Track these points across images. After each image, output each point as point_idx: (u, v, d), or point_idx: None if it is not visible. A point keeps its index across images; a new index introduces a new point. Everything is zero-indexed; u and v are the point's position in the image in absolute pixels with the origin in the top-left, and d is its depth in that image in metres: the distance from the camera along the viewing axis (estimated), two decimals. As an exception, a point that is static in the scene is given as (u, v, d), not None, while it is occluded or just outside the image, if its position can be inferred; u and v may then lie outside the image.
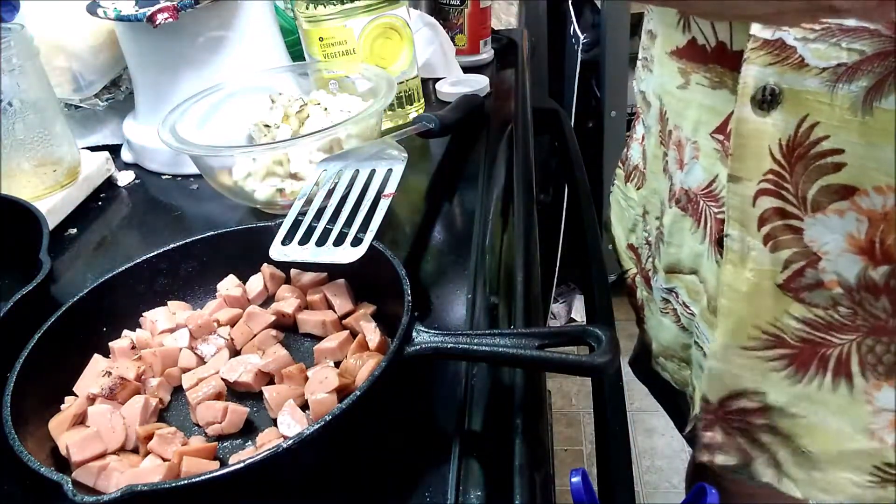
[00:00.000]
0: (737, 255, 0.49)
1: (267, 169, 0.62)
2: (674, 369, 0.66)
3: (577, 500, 0.47)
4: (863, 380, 0.48)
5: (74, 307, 0.47)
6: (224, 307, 0.51)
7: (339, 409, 0.36)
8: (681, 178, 0.55)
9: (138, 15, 0.67)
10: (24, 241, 0.55)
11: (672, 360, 0.66)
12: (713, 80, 0.49)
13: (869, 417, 0.49)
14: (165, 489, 0.33)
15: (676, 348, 0.64)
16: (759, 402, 0.53)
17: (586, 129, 1.71)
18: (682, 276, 0.59)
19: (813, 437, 0.52)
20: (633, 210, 0.70)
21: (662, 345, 0.66)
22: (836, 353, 0.48)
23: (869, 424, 0.49)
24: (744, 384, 0.53)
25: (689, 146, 0.53)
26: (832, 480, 0.52)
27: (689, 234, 0.56)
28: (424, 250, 0.60)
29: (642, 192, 0.67)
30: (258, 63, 0.76)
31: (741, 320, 0.50)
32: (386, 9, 0.77)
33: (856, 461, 0.51)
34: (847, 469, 0.51)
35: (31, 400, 0.41)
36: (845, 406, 0.49)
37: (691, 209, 0.55)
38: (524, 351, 0.38)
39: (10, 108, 0.65)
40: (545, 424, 0.44)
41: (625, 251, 0.74)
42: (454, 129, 0.74)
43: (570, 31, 1.57)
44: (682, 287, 0.59)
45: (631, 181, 0.70)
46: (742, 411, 0.54)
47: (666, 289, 0.62)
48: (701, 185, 0.52)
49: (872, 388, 0.48)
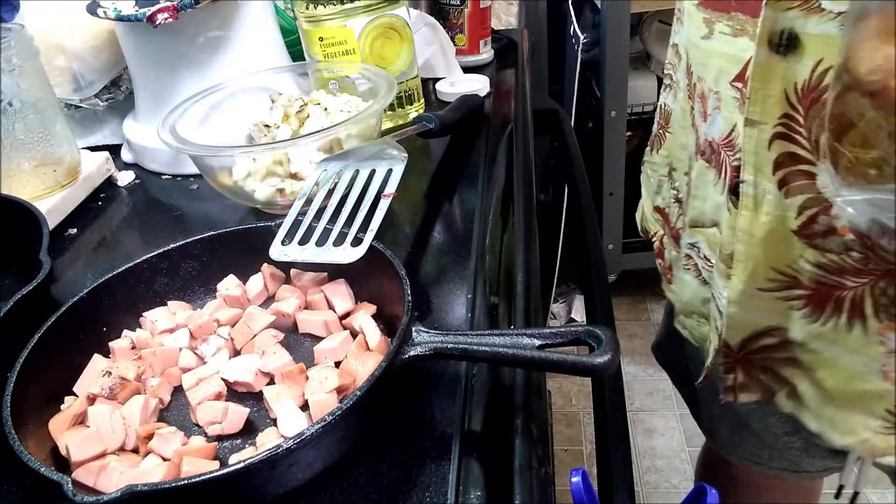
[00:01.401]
0: (751, 200, 0.49)
1: (267, 169, 0.62)
2: (693, 326, 0.67)
3: (577, 500, 0.47)
4: (876, 321, 0.49)
5: (74, 307, 0.47)
6: (224, 307, 0.51)
7: (339, 409, 0.36)
8: (705, 129, 0.56)
9: (138, 15, 0.67)
10: (24, 241, 0.55)
11: (692, 317, 0.67)
12: (735, 28, 0.50)
13: (882, 358, 0.50)
14: (165, 489, 0.33)
15: (697, 303, 0.65)
16: (780, 337, 0.54)
17: (586, 129, 1.71)
18: (704, 230, 0.60)
19: (830, 371, 0.53)
20: (657, 173, 0.72)
21: (683, 302, 0.67)
22: (851, 295, 0.49)
23: (882, 366, 0.50)
24: (765, 322, 0.54)
25: (711, 97, 0.54)
26: (846, 420, 0.54)
27: (713, 186, 0.57)
28: (424, 250, 0.60)
29: (663, 152, 0.69)
30: (258, 63, 0.76)
31: (758, 264, 0.51)
32: (386, 9, 0.77)
33: (869, 403, 0.52)
34: (860, 411, 0.53)
35: (31, 400, 0.41)
36: (860, 346, 0.50)
37: (714, 160, 0.56)
38: (524, 351, 0.38)
39: (10, 108, 0.65)
40: (545, 424, 0.44)
41: (651, 214, 0.75)
42: (454, 129, 0.74)
43: (570, 31, 1.57)
44: (703, 241, 0.60)
45: (654, 150, 0.72)
46: (764, 348, 0.56)
47: (689, 244, 0.63)
48: (722, 135, 0.53)
49: (886, 329, 0.49)
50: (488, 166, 0.72)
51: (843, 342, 0.51)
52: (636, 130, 1.75)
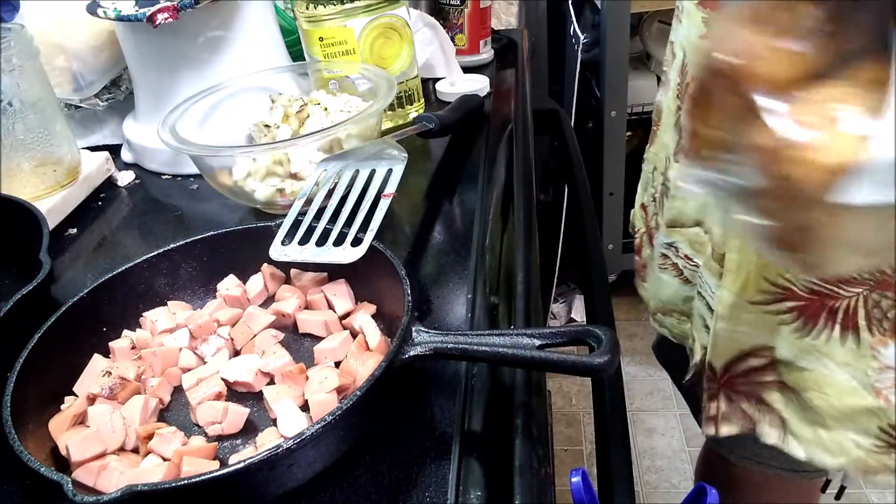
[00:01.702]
0: None
1: (267, 169, 0.62)
2: (672, 324, 0.68)
3: (577, 500, 0.47)
4: (869, 334, 0.49)
5: (74, 307, 0.47)
6: (224, 307, 0.51)
7: (339, 409, 0.36)
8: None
9: (138, 15, 0.67)
10: (24, 241, 0.55)
11: (671, 315, 0.67)
12: None
13: (875, 374, 0.50)
14: (165, 489, 0.33)
15: (677, 302, 0.65)
16: (767, 357, 0.54)
17: (586, 129, 1.71)
18: (683, 230, 0.60)
19: (820, 390, 0.52)
20: (647, 169, 0.72)
21: (662, 301, 0.67)
22: (844, 305, 0.49)
23: (875, 382, 0.50)
24: (752, 341, 0.54)
25: None
26: (837, 440, 0.53)
27: None
28: (424, 250, 0.60)
29: (653, 148, 0.70)
30: (258, 63, 0.76)
31: (750, 275, 0.51)
32: (386, 9, 0.77)
33: (861, 421, 0.52)
34: (852, 429, 0.52)
35: (31, 400, 0.41)
36: (852, 359, 0.50)
37: None
38: (524, 351, 0.38)
39: (10, 108, 0.65)
40: (545, 424, 0.44)
41: (637, 211, 0.76)
42: (454, 129, 0.74)
43: (570, 31, 1.57)
44: (682, 241, 0.60)
45: (650, 146, 0.72)
46: (748, 371, 0.55)
47: (665, 244, 0.63)
48: None
49: (878, 343, 0.49)
50: (488, 166, 0.72)
51: (835, 355, 0.51)
52: (636, 130, 1.75)
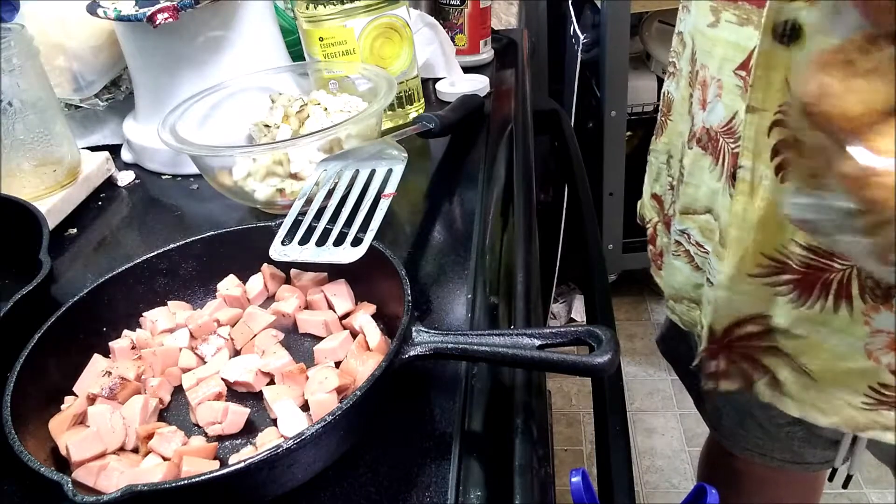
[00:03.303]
0: (747, 185, 0.50)
1: (267, 169, 0.62)
2: (682, 311, 0.69)
3: (577, 500, 0.47)
4: (862, 302, 0.51)
5: (74, 307, 0.47)
6: (224, 307, 0.51)
7: (339, 409, 0.36)
8: (703, 117, 0.58)
9: (138, 15, 0.67)
10: (24, 241, 0.55)
11: (681, 303, 0.68)
12: (741, 17, 0.51)
13: (867, 338, 0.52)
14: (165, 489, 0.33)
15: (688, 289, 0.66)
16: (763, 325, 0.56)
17: (586, 129, 1.71)
18: (695, 217, 0.61)
19: (814, 354, 0.55)
20: (658, 160, 0.73)
21: (674, 287, 0.69)
22: (838, 277, 0.51)
23: (867, 345, 0.52)
24: (749, 310, 0.56)
25: (713, 85, 0.55)
26: (829, 400, 0.56)
27: (708, 173, 0.58)
28: (424, 250, 0.60)
29: (664, 139, 0.71)
30: (258, 63, 0.76)
31: (748, 249, 0.53)
32: (386, 9, 0.77)
33: (852, 381, 0.54)
34: (844, 389, 0.55)
35: (31, 400, 0.41)
36: (845, 326, 0.52)
37: (711, 147, 0.57)
38: (524, 351, 0.38)
39: (10, 108, 0.65)
40: (545, 424, 0.44)
41: (648, 201, 0.77)
42: (454, 129, 0.74)
43: (570, 31, 1.57)
44: (694, 227, 0.62)
45: (657, 137, 0.73)
46: (747, 336, 0.57)
47: (679, 230, 0.64)
48: (721, 122, 0.54)
49: (871, 310, 0.51)
50: (488, 166, 0.72)
51: (830, 323, 0.53)
52: (636, 130, 1.75)
